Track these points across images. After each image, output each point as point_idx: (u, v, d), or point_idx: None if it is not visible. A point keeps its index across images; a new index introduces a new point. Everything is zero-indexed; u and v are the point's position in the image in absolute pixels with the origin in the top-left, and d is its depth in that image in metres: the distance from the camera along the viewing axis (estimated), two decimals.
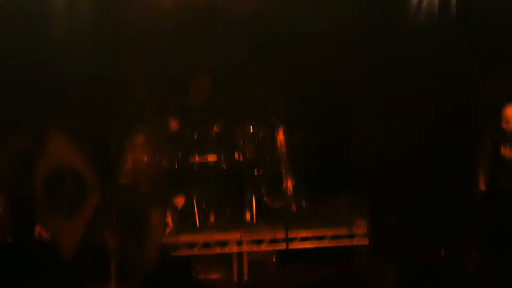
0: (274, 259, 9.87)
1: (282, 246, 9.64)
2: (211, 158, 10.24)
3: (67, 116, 9.50)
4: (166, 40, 10.08)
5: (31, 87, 9.45)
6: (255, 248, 9.73)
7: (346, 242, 10.00)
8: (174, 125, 10.05)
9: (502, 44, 10.11)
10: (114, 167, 9.75)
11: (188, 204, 10.05)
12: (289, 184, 9.37)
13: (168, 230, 9.48)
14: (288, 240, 9.58)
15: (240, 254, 9.71)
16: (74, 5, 9.77)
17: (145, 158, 9.27)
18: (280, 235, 9.63)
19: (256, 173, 10.34)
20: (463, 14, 10.34)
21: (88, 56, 9.69)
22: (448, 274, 9.43)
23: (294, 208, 10.19)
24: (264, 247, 9.76)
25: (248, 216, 10.22)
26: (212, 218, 10.12)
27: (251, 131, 10.33)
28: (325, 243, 9.95)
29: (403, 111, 10.40)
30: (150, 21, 9.94)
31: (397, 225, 10.20)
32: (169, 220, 9.49)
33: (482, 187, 9.07)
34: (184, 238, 9.72)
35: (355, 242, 10.02)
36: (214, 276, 9.64)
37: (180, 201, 9.58)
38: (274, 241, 9.69)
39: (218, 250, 9.72)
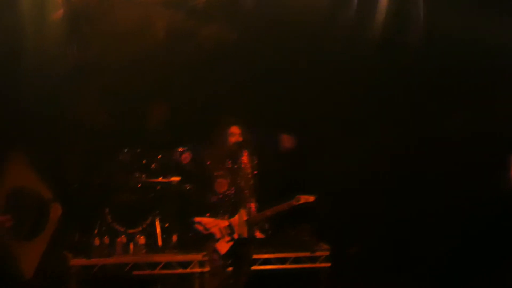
0: None
1: None
2: (175, 178, 10.29)
3: (29, 139, 9.53)
4: (126, 67, 10.17)
5: None
6: None
7: (308, 265, 10.08)
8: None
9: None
10: (74, 188, 9.88)
11: (151, 224, 10.10)
12: (252, 206, 9.37)
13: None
14: None
15: (202, 275, 9.70)
16: (39, 32, 9.78)
17: None
18: None
19: None
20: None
21: (51, 82, 9.73)
22: None
23: (257, 230, 10.21)
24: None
25: None
26: (174, 238, 10.10)
27: None
28: (287, 266, 10.02)
29: (370, 137, 10.51)
30: (110, 48, 10.00)
31: (359, 249, 10.29)
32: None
33: None
34: (146, 257, 9.74)
35: (317, 265, 10.08)
36: None
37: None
38: None
39: (180, 270, 9.74)
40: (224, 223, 8.84)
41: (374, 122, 10.62)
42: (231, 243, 8.88)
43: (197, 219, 8.85)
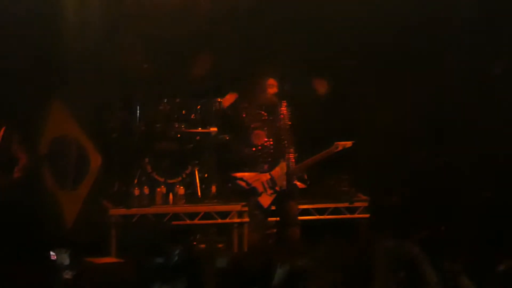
0: (274, 231, 9.90)
1: None
2: (214, 129, 10.30)
3: (68, 86, 9.59)
4: (167, 16, 10.14)
5: (33, 59, 9.52)
6: None
7: (346, 216, 10.10)
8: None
9: None
10: (114, 138, 9.95)
11: (190, 174, 10.15)
12: (291, 157, 9.37)
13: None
14: None
15: (240, 225, 9.77)
16: None
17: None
18: None
19: None
20: None
21: (89, 28, 9.76)
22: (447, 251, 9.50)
23: (295, 181, 10.21)
24: None
25: None
26: (213, 189, 10.14)
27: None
28: (326, 216, 10.04)
29: (409, 89, 10.41)
30: None
31: (398, 200, 10.24)
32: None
33: None
34: (186, 208, 9.82)
35: (356, 215, 10.11)
36: (214, 246, 9.74)
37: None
38: None
39: (219, 221, 9.82)
40: (265, 176, 8.86)
41: (416, 68, 10.50)
42: (273, 196, 8.93)
43: (239, 174, 8.88)
